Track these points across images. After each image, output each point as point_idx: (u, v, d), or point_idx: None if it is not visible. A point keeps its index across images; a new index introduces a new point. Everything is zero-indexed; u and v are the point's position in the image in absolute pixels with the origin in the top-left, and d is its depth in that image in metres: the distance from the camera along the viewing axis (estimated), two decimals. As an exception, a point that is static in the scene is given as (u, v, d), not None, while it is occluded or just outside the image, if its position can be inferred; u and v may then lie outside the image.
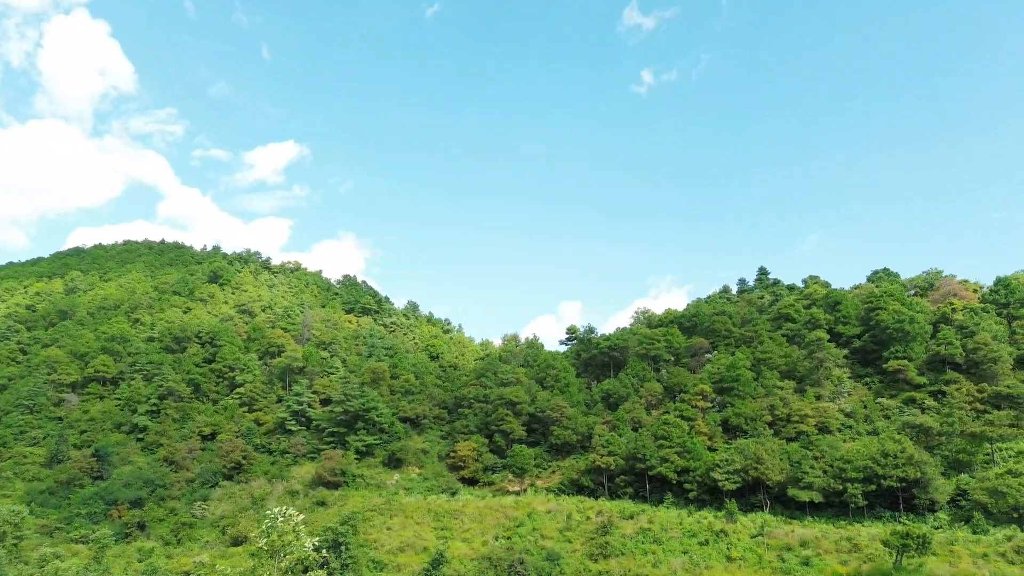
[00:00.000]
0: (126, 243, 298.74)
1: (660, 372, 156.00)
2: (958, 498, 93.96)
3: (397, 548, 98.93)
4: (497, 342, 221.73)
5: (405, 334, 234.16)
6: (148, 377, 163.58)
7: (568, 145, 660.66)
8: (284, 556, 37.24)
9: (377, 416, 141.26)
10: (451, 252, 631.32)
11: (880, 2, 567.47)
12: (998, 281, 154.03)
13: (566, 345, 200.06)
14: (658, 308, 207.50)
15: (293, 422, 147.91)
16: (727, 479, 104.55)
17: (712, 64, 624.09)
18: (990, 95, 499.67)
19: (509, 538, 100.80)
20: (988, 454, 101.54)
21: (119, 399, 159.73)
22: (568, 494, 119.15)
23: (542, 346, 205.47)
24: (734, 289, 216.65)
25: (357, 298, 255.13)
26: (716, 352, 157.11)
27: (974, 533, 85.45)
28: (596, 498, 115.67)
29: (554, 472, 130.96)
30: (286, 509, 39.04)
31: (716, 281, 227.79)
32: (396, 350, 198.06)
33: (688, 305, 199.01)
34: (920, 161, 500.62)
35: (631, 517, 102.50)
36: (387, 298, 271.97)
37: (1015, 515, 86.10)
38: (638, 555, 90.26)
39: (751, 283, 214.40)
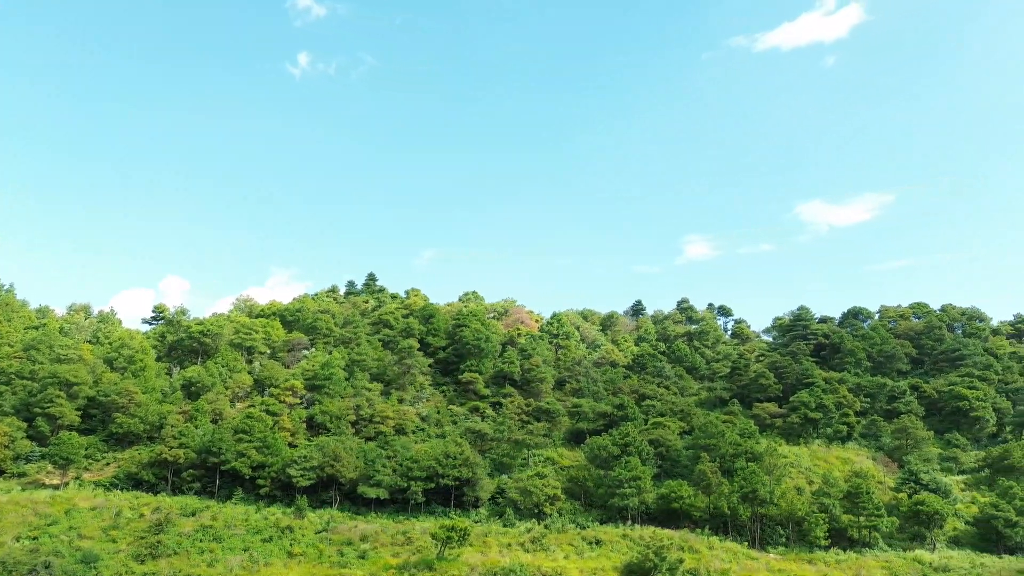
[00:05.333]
0: None
1: (253, 364, 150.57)
2: (497, 496, 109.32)
3: None
4: (61, 311, 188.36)
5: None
6: None
7: (201, 108, 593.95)
8: None
9: None
10: (32, 205, 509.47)
11: (561, 29, 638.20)
12: (553, 316, 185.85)
13: (151, 325, 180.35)
14: (268, 298, 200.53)
15: None
16: (302, 476, 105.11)
17: (374, 70, 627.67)
18: (591, 153, 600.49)
19: (36, 538, 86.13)
20: (525, 459, 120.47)
21: None
22: (123, 489, 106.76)
23: (119, 322, 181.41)
24: (343, 290, 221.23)
25: None
26: (314, 349, 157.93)
27: (504, 526, 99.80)
28: (156, 494, 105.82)
29: (109, 464, 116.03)
30: None
31: (338, 281, 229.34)
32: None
33: (294, 299, 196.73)
34: (526, 199, 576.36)
35: (193, 514, 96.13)
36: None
37: (536, 511, 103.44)
38: (193, 554, 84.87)
39: (360, 287, 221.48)
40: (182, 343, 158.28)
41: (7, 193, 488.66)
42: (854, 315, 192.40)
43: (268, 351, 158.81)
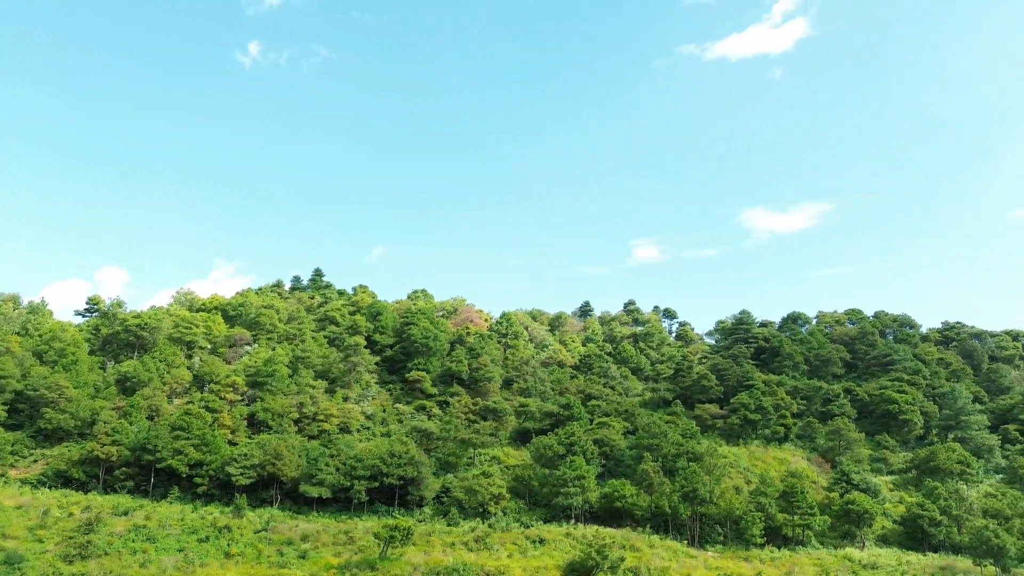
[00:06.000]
0: None
1: (193, 359, 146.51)
2: (442, 495, 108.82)
3: None
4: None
5: None
6: None
7: (151, 96, 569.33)
8: None
9: None
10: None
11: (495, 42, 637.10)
12: (503, 315, 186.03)
13: (84, 317, 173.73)
14: (210, 292, 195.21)
15: None
16: (242, 474, 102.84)
17: (327, 62, 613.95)
18: (539, 164, 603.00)
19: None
20: (471, 458, 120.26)
21: None
22: (51, 487, 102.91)
23: (51, 313, 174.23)
24: (288, 285, 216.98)
25: None
26: (257, 345, 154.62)
27: (449, 525, 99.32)
28: (87, 492, 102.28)
29: (37, 461, 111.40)
30: None
31: (283, 276, 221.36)
32: None
33: (237, 294, 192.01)
34: (477, 198, 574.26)
35: (126, 513, 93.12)
36: None
37: (481, 509, 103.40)
38: (125, 554, 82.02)
39: (306, 282, 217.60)
40: (117, 336, 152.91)
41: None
42: (793, 320, 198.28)
43: (209, 346, 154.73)
